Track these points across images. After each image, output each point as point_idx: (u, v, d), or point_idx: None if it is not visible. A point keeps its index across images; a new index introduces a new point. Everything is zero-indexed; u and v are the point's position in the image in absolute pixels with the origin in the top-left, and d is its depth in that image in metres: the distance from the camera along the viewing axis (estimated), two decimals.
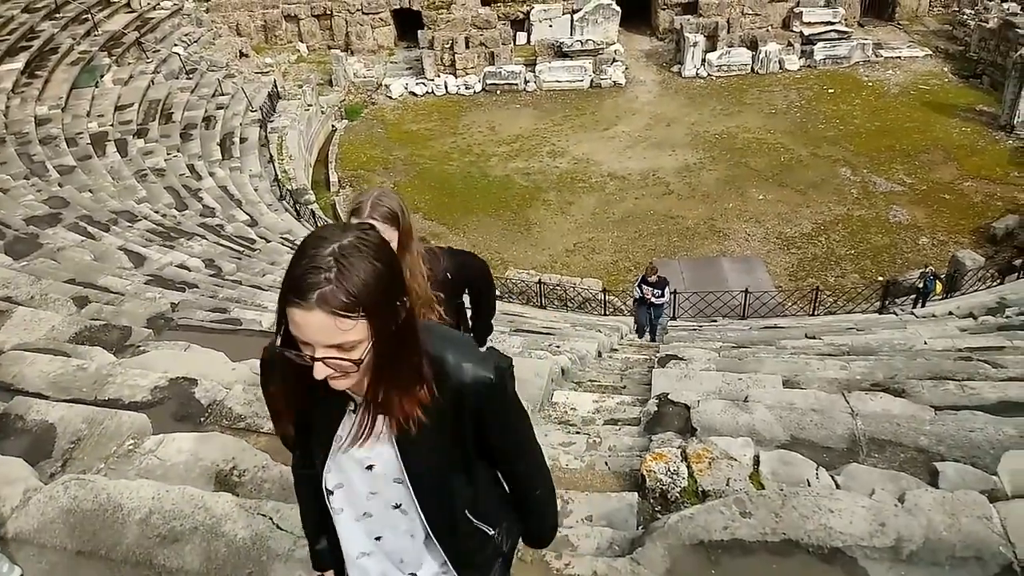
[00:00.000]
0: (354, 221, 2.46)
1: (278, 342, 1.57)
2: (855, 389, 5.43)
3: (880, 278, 16.02)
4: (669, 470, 3.72)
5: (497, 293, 4.10)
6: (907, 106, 22.91)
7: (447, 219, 19.25)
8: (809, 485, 3.64)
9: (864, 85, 24.24)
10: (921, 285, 13.64)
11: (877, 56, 25.48)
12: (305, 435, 1.83)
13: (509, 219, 19.27)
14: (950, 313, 11.40)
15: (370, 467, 1.76)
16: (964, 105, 22.63)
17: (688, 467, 3.74)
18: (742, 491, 3.47)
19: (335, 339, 1.49)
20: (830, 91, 23.99)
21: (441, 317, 2.97)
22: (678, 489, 3.64)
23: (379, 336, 1.54)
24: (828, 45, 25.28)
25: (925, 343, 8.32)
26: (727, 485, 3.60)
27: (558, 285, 15.19)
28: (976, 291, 13.88)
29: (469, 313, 3.76)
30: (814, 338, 9.36)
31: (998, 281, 14.20)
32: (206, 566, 2.98)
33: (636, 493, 3.77)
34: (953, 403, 4.98)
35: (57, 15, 21.35)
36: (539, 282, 14.79)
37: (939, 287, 13.89)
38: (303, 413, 1.78)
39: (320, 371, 1.52)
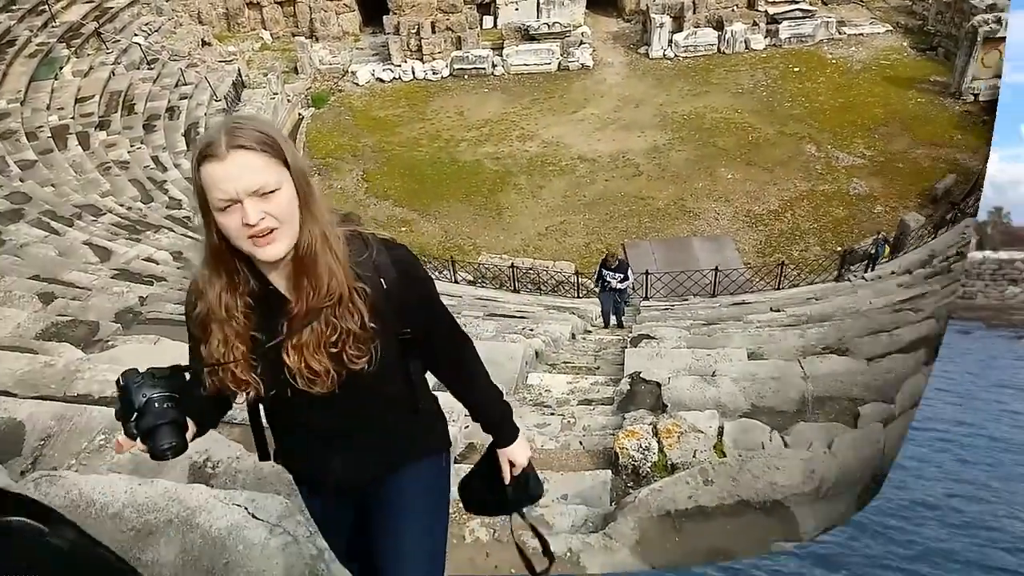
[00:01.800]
0: (215, 166, 1.51)
1: None
2: (809, 354, 5.70)
3: (839, 248, 16.37)
4: (641, 446, 3.80)
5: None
6: (869, 82, 23.18)
7: (418, 205, 19.19)
8: (763, 448, 3.80)
9: (828, 63, 24.46)
10: (873, 251, 14.17)
11: (841, 34, 25.71)
12: None
13: (480, 204, 19.25)
14: (892, 273, 11.94)
15: None
16: (920, 77, 22.99)
17: (659, 442, 3.83)
18: (706, 461, 3.59)
19: None
20: (795, 70, 24.19)
21: (371, 363, 1.71)
22: (649, 464, 3.72)
23: None
24: (793, 24, 25.44)
25: (870, 303, 8.68)
26: (694, 456, 3.71)
27: (531, 269, 15.25)
28: (916, 249, 14.43)
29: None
30: (778, 311, 9.58)
31: (932, 237, 14.72)
32: (182, 558, 2.98)
33: (609, 471, 3.85)
34: (883, 351, 5.35)
35: (13, 7, 20.74)
36: (512, 266, 14.83)
37: (887, 250, 14.40)
38: None
39: None
